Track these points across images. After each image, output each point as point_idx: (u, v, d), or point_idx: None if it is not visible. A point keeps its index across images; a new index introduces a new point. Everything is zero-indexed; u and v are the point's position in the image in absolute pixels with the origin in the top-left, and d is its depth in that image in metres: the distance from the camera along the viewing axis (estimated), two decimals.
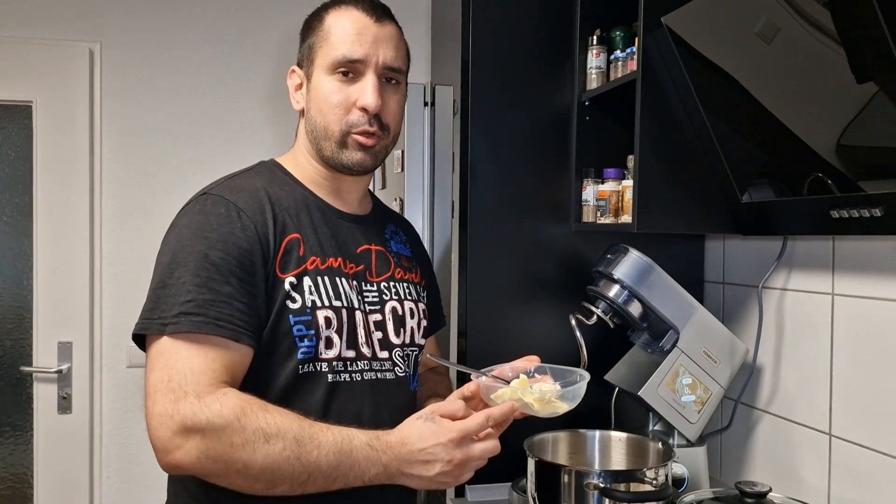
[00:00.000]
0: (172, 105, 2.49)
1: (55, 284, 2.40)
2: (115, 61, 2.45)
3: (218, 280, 1.06)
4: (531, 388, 1.14)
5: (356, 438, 1.03)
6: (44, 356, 2.40)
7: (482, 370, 1.21)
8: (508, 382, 1.17)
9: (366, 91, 1.17)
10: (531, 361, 1.22)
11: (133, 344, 1.11)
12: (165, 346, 1.03)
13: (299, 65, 1.26)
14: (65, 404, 2.41)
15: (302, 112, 1.26)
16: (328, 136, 1.19)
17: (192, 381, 1.00)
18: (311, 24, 1.24)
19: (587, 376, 1.17)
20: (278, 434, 0.99)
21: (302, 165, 1.25)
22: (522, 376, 1.15)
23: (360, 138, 1.18)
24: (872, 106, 1.12)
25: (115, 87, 2.45)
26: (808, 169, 1.29)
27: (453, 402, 1.12)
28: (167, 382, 1.01)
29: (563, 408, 1.12)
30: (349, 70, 1.18)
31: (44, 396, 2.40)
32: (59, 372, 2.39)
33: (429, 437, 1.05)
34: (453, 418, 1.08)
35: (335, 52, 1.17)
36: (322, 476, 1.01)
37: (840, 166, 1.23)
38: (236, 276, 1.07)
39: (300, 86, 1.25)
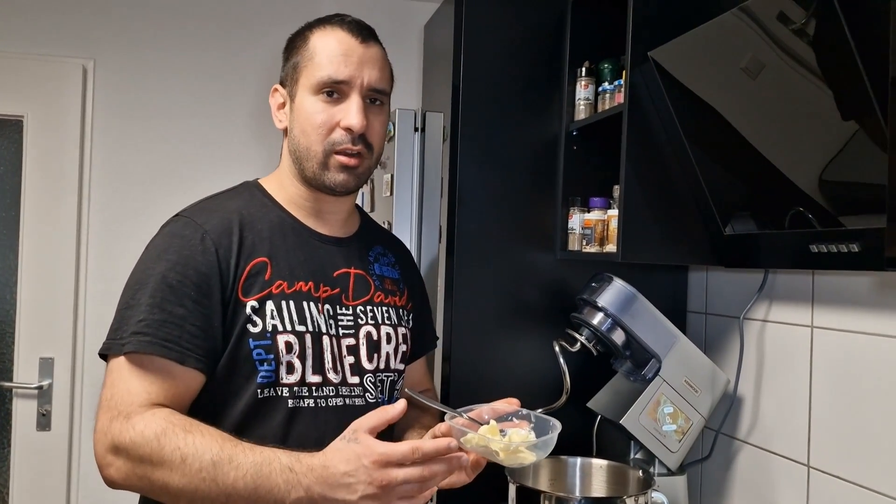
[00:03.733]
0: (164, 124, 2.50)
1: (39, 300, 2.39)
2: (109, 79, 2.47)
3: (172, 301, 1.08)
4: (504, 433, 1.09)
5: (276, 461, 1.00)
6: (24, 371, 2.38)
7: (461, 409, 1.16)
8: (481, 425, 1.12)
9: (350, 112, 1.17)
10: (511, 404, 1.17)
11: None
12: (115, 366, 1.08)
13: (282, 83, 1.25)
14: (44, 421, 2.38)
15: (285, 131, 1.25)
16: (310, 157, 1.19)
17: (127, 401, 1.04)
18: (296, 43, 1.23)
19: (559, 427, 1.11)
20: (195, 454, 0.99)
21: (285, 186, 1.25)
22: (493, 422, 1.11)
23: (343, 158, 1.18)
24: (853, 142, 1.15)
25: (107, 104, 2.47)
26: (789, 203, 1.32)
27: (373, 413, 1.03)
28: (108, 401, 1.05)
29: (530, 459, 1.08)
30: (334, 90, 1.18)
31: (22, 412, 2.38)
32: (40, 388, 2.37)
33: (350, 457, 0.98)
34: (375, 430, 1.02)
35: (320, 72, 1.17)
36: (241, 499, 0.99)
37: (821, 201, 1.25)
38: (191, 298, 1.09)
39: (283, 105, 1.25)
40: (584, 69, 1.80)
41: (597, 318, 1.58)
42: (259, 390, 1.12)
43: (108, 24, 2.47)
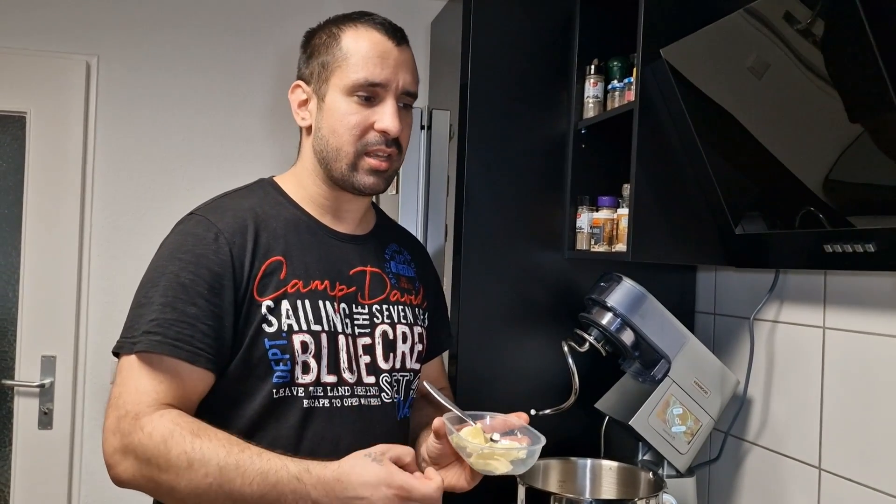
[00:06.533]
0: (167, 121, 2.49)
1: (41, 297, 2.37)
2: (112, 75, 2.45)
3: (184, 300, 1.07)
4: (498, 441, 1.09)
5: (284, 470, 0.99)
6: (26, 370, 2.36)
7: (473, 412, 1.16)
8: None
9: (386, 115, 1.16)
10: (520, 419, 1.16)
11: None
12: (126, 364, 1.07)
13: (305, 80, 1.22)
14: (45, 420, 2.37)
15: (308, 129, 1.23)
16: (340, 157, 1.17)
17: (135, 400, 1.03)
18: (322, 40, 1.20)
19: (541, 444, 1.10)
20: (202, 460, 0.98)
21: (304, 185, 1.24)
22: (477, 425, 1.11)
23: (374, 161, 1.17)
24: (860, 142, 1.13)
25: (110, 100, 2.45)
26: (799, 203, 1.31)
27: (403, 447, 1.05)
28: (117, 399, 1.05)
29: (500, 469, 1.07)
30: (369, 94, 1.16)
31: (24, 411, 2.36)
32: (42, 386, 2.36)
33: (372, 479, 0.97)
34: (401, 463, 1.02)
35: (356, 74, 1.15)
36: None
37: (829, 201, 1.24)
38: (204, 297, 1.08)
39: (306, 102, 1.22)
40: (593, 67, 1.78)
41: (606, 318, 1.57)
42: (274, 390, 1.11)
43: (111, 19, 2.45)
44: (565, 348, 1.58)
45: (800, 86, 1.19)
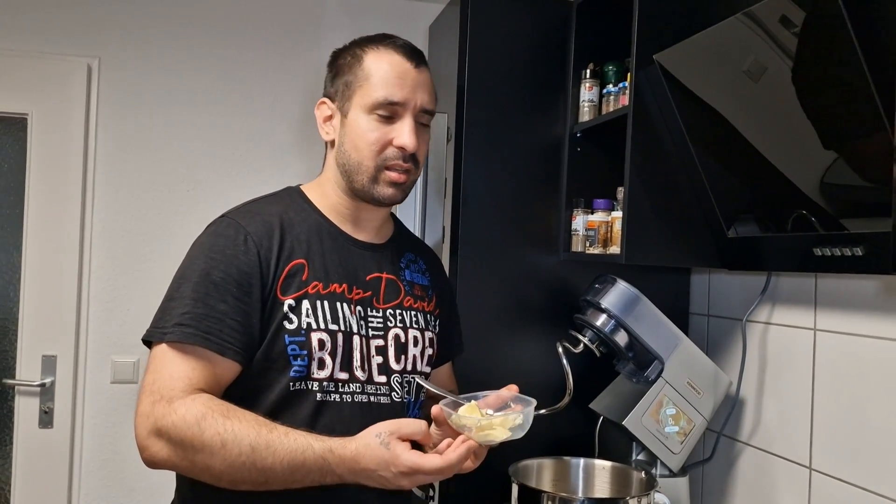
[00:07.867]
0: (168, 123, 2.50)
1: (42, 297, 2.39)
2: (113, 77, 2.47)
3: (214, 297, 1.14)
4: (489, 413, 1.15)
5: (310, 450, 1.08)
6: (27, 369, 2.38)
7: (467, 395, 1.21)
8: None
9: (404, 133, 1.23)
10: (511, 390, 1.23)
11: (118, 359, 1.16)
12: (158, 352, 1.14)
13: (330, 98, 1.30)
14: (46, 419, 2.38)
15: (332, 143, 1.30)
16: (361, 171, 1.24)
17: (169, 385, 1.10)
18: (346, 60, 1.28)
19: (531, 406, 1.15)
20: (234, 440, 1.06)
21: (327, 194, 1.31)
22: (472, 402, 1.17)
23: (394, 175, 1.24)
24: (855, 146, 1.15)
25: (111, 102, 2.47)
26: (792, 206, 1.33)
27: (414, 422, 1.12)
28: (151, 385, 1.11)
29: (500, 437, 1.12)
30: (389, 112, 1.23)
31: (25, 410, 2.38)
32: (42, 385, 2.37)
33: (379, 462, 1.07)
34: (411, 439, 1.10)
35: (376, 93, 1.23)
36: (279, 480, 1.07)
37: (823, 204, 1.26)
38: (233, 295, 1.15)
39: (330, 118, 1.30)
40: (588, 71, 1.80)
41: (600, 320, 1.59)
42: (291, 383, 1.18)
43: (112, 21, 2.46)
44: (560, 349, 1.60)
45: (792, 90, 1.21)
